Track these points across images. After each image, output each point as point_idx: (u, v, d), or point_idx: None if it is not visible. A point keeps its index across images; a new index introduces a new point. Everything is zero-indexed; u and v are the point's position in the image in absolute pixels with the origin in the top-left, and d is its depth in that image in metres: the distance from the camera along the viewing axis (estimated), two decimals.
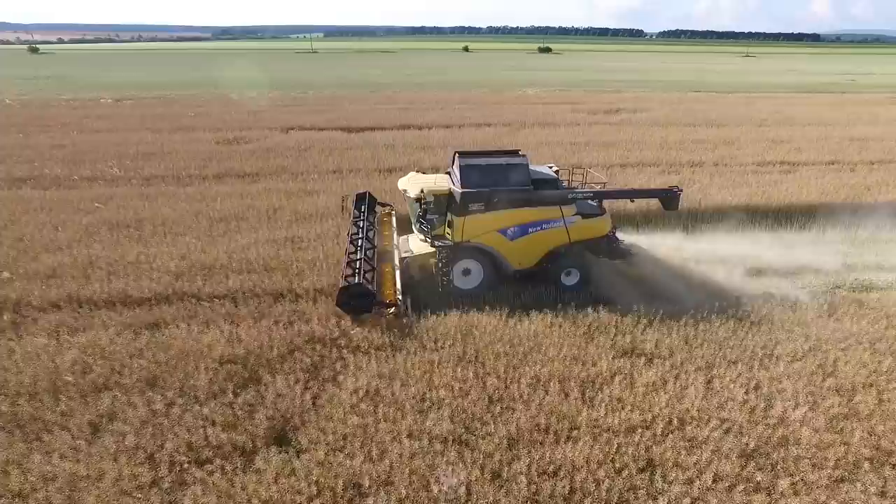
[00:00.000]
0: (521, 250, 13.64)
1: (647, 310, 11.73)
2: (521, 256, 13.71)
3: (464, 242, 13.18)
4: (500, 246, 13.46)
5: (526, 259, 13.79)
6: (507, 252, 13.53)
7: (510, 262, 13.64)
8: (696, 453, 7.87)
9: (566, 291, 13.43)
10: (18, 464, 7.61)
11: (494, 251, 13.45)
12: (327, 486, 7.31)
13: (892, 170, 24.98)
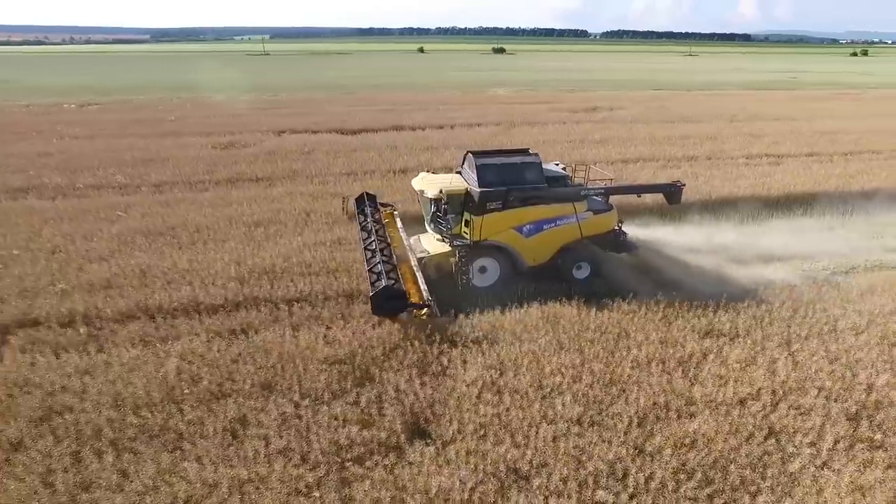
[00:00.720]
0: (535, 247, 13.96)
1: (712, 294, 12.51)
2: (535, 253, 14.04)
3: (482, 241, 13.40)
4: (516, 243, 13.75)
5: (540, 255, 14.12)
6: (523, 249, 13.84)
7: (525, 258, 13.95)
8: (809, 419, 8.60)
9: (578, 285, 13.79)
10: (173, 473, 7.52)
11: (511, 248, 13.75)
12: (488, 471, 7.60)
13: (866, 160, 27.14)
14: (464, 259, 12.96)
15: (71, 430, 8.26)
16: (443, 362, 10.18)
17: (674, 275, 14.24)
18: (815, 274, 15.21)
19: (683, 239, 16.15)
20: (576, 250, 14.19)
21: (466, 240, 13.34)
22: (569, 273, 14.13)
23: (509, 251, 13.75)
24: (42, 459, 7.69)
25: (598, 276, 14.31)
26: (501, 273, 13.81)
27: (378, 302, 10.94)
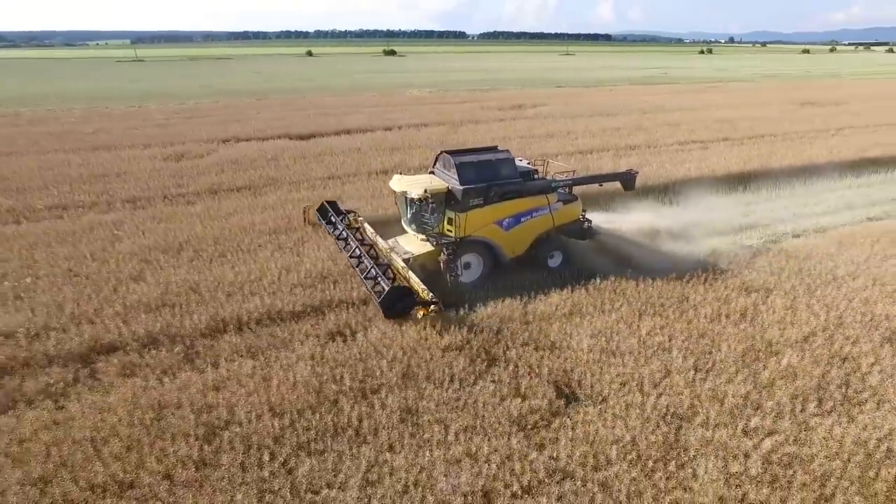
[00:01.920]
0: (514, 239, 14.53)
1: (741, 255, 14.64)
2: (514, 245, 14.61)
3: (466, 237, 13.72)
4: (498, 237, 14.24)
5: (518, 247, 14.72)
6: (504, 242, 14.37)
7: (506, 251, 14.48)
8: (866, 344, 10.65)
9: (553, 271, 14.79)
10: (382, 463, 7.78)
11: (493, 242, 14.22)
12: (652, 418, 8.70)
13: (771, 142, 31.72)
14: (452, 256, 13.35)
15: (250, 440, 8.15)
16: (550, 337, 11.09)
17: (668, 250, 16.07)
18: (780, 238, 18.06)
19: (667, 220, 18.34)
20: (549, 240, 15.00)
21: (451, 237, 13.66)
22: (544, 262, 14.93)
23: (492, 245, 14.24)
24: (241, 473, 7.58)
25: (569, 262, 15.23)
26: (484, 268, 14.28)
27: (388, 304, 11.08)
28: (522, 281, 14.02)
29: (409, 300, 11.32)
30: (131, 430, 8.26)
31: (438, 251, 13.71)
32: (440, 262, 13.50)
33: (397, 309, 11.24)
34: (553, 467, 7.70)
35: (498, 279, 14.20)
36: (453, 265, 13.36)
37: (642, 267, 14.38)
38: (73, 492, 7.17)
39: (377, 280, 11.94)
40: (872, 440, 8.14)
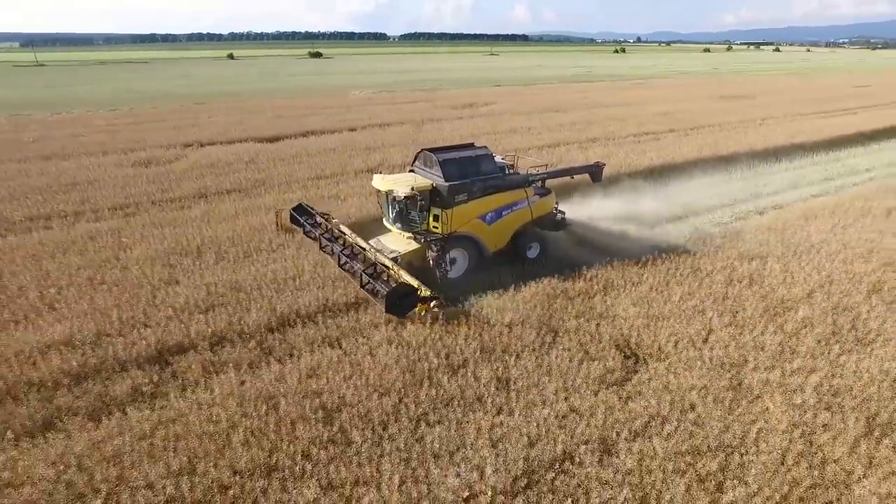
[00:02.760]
0: (497, 233, 14.88)
1: (726, 231, 16.33)
2: (497, 239, 14.97)
3: (452, 233, 13.92)
4: (481, 231, 14.53)
5: (500, 240, 15.08)
6: (486, 236, 14.68)
7: (489, 245, 14.79)
8: (857, 296, 12.48)
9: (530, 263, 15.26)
10: (501, 425, 8.49)
11: (477, 237, 14.49)
12: (715, 363, 9.94)
13: (711, 131, 34.72)
14: (440, 252, 13.56)
15: (369, 417, 8.58)
16: (596, 309, 12.14)
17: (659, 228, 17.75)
18: (746, 215, 20.24)
19: (650, 203, 20.06)
20: (527, 232, 15.48)
21: (438, 234, 13.83)
22: (523, 254, 15.39)
23: (476, 240, 14.52)
24: (376, 446, 8.03)
25: (546, 253, 15.73)
26: (470, 262, 14.54)
27: (392, 301, 11.10)
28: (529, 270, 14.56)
29: (412, 297, 11.37)
30: (249, 420, 8.44)
31: (425, 248, 13.89)
32: (429, 258, 13.66)
33: (400, 306, 11.25)
34: (651, 413, 8.70)
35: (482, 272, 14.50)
36: (442, 261, 13.58)
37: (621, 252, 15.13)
38: (222, 478, 7.36)
39: (375, 279, 12.09)
40: (893, 369, 9.76)
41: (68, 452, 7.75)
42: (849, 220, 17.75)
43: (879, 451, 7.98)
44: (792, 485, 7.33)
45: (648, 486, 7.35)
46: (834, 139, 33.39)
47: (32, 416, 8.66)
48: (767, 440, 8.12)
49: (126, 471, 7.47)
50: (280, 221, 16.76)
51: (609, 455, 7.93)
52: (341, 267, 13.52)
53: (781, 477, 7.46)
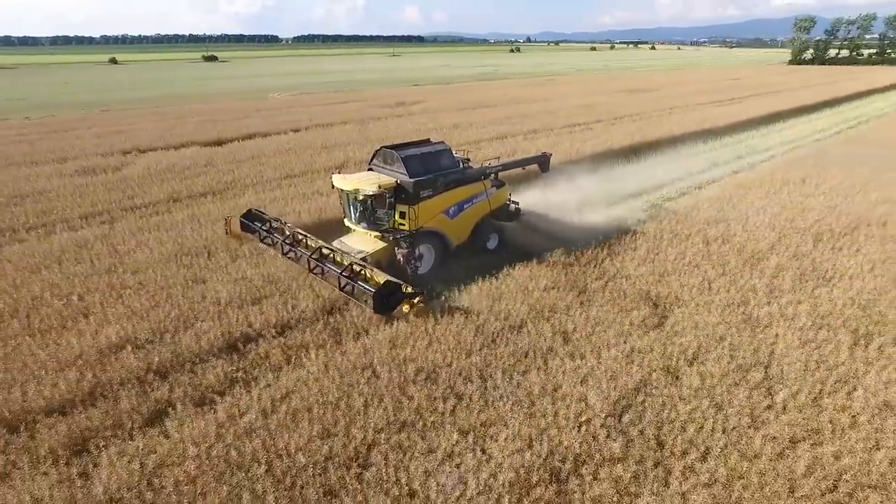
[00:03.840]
0: (459, 226, 15.11)
1: (682, 203, 18.69)
2: (459, 232, 15.19)
3: (419, 229, 13.92)
4: (446, 226, 14.67)
5: (462, 233, 15.33)
6: (450, 230, 14.83)
7: (453, 239, 14.96)
8: (806, 245, 15.08)
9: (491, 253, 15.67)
10: (551, 383, 9.76)
11: (443, 232, 14.62)
12: (735, 300, 11.86)
13: (632, 121, 38.24)
14: (409, 249, 13.52)
15: (467, 372, 9.50)
16: (611, 272, 13.76)
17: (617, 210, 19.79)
18: (688, 190, 23.06)
19: (616, 184, 22.32)
20: (486, 224, 15.83)
21: (405, 230, 13.85)
22: (483, 245, 15.78)
23: (442, 235, 14.65)
24: (492, 390, 8.99)
25: (505, 244, 16.17)
26: (436, 257, 14.57)
27: (379, 299, 11.01)
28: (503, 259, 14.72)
29: (398, 295, 11.30)
30: (359, 388, 9.05)
31: (392, 247, 13.89)
32: (399, 256, 13.60)
33: (388, 303, 11.19)
34: (694, 345, 10.36)
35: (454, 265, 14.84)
36: (413, 257, 13.59)
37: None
38: (368, 436, 7.99)
39: (354, 280, 11.89)
40: (856, 296, 12.19)
41: (204, 432, 7.99)
42: (775, 189, 20.92)
43: (869, 353, 10.17)
44: (820, 384, 9.24)
45: (717, 396, 8.94)
46: (733, 124, 38.05)
47: (136, 409, 8.69)
48: (789, 354, 10.04)
49: (270, 441, 7.87)
50: (230, 228, 15.97)
51: (676, 378, 9.46)
52: (311, 271, 12.99)
53: (810, 379, 9.36)
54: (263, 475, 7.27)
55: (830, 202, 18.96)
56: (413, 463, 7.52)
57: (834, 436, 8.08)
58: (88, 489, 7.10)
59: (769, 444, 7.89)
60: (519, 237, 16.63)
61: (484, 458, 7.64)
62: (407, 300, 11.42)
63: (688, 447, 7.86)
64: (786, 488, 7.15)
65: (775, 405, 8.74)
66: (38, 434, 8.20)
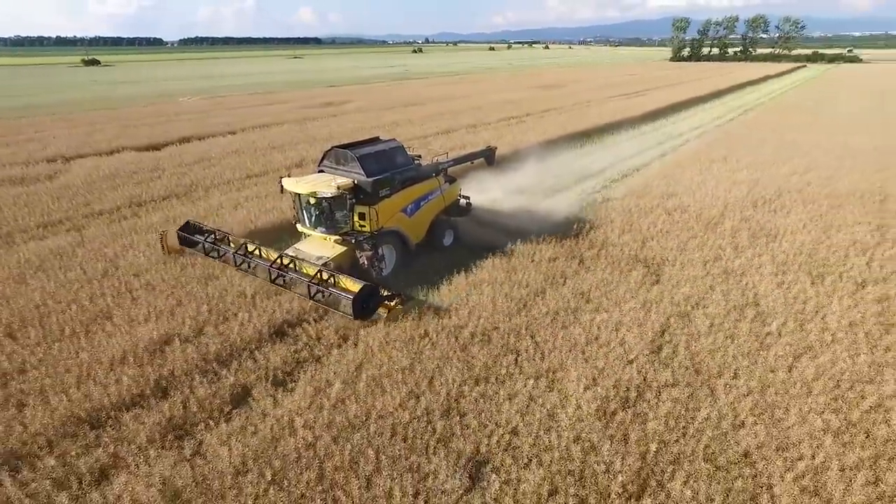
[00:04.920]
0: (417, 224, 14.80)
1: (637, 180, 20.81)
2: (417, 230, 14.85)
3: (379, 229, 13.33)
4: (404, 224, 14.28)
5: (420, 231, 15.01)
6: (409, 229, 14.45)
7: (412, 238, 14.61)
8: (749, 209, 17.56)
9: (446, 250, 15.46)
10: (588, 324, 11.08)
11: (402, 231, 14.26)
12: (706, 262, 13.74)
13: (558, 113, 40.83)
14: (372, 251, 13.03)
15: (519, 332, 10.49)
16: (598, 244, 15.27)
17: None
18: (630, 172, 25.48)
19: (566, 169, 24.19)
20: (442, 220, 15.61)
21: (366, 232, 13.19)
22: (439, 242, 15.49)
23: (402, 234, 14.29)
24: (561, 343, 10.04)
25: (460, 240, 16.05)
26: (396, 258, 14.17)
27: (359, 304, 10.50)
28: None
29: (376, 298, 10.97)
30: (426, 353, 9.75)
31: (352, 250, 13.37)
32: (362, 258, 13.09)
33: (367, 308, 10.82)
34: (695, 293, 12.04)
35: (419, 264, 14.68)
36: (377, 259, 13.19)
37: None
38: (452, 391, 8.75)
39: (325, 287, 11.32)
40: (800, 248, 14.57)
41: (299, 405, 8.36)
42: (705, 166, 23.75)
43: (826, 288, 12.36)
44: (800, 313, 11.20)
45: (727, 330, 10.59)
46: (645, 114, 41.81)
47: (216, 394, 8.82)
48: (770, 294, 11.99)
49: (366, 405, 8.40)
50: (165, 244, 14.50)
51: (690, 320, 11.03)
52: (273, 282, 12.06)
53: (792, 310, 11.31)
54: (376, 433, 7.82)
55: (753, 176, 21.92)
56: (503, 406, 8.39)
57: (824, 349, 9.95)
58: (213, 465, 7.29)
59: (780, 360, 9.60)
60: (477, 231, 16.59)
61: (562, 396, 8.68)
62: (384, 303, 11.07)
63: (720, 369, 9.38)
64: (804, 390, 8.83)
65: (773, 332, 10.52)
66: (125, 427, 8.14)
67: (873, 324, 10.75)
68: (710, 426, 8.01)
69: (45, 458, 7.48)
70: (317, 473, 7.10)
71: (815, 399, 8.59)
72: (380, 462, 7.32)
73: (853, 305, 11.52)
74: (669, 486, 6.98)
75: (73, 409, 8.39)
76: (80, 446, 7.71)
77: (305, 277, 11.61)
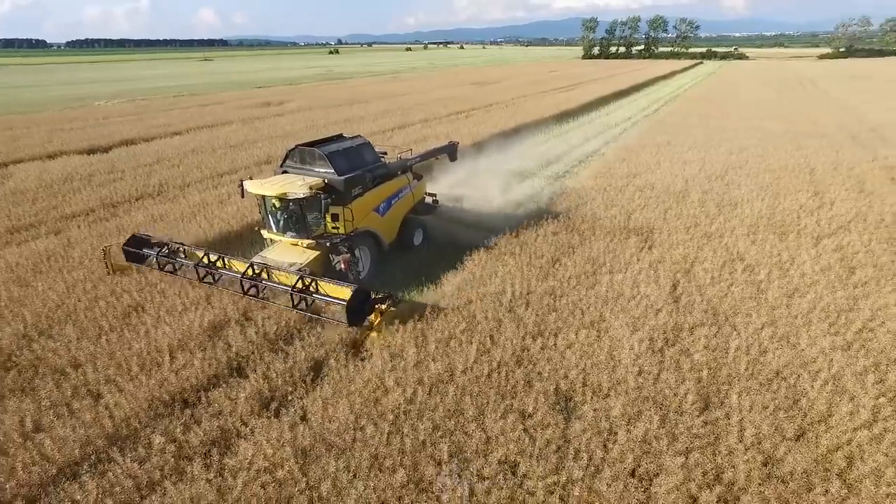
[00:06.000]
0: (389, 223, 14.12)
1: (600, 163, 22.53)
2: (390, 229, 14.17)
3: (354, 230, 12.57)
4: (377, 224, 13.56)
5: (392, 231, 14.35)
6: (381, 228, 13.71)
7: (385, 238, 13.89)
8: (718, 181, 19.63)
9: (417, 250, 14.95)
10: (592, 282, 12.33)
11: (376, 231, 13.49)
12: (687, 228, 15.41)
13: (502, 107, 42.44)
14: (350, 254, 12.25)
15: (563, 292, 11.48)
16: (587, 214, 16.60)
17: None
18: (585, 159, 27.32)
19: (527, 158, 25.56)
20: (411, 219, 15.03)
21: (339, 234, 12.39)
22: (410, 242, 14.88)
23: (375, 234, 13.53)
24: (602, 296, 11.08)
25: (430, 239, 15.55)
26: (371, 260, 13.31)
27: (353, 309, 9.75)
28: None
29: (368, 302, 10.22)
30: (479, 318, 10.51)
31: (325, 254, 12.46)
32: (340, 262, 12.21)
33: (361, 313, 10.05)
34: (689, 254, 13.57)
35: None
36: (354, 262, 12.41)
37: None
38: (516, 342, 9.58)
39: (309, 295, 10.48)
40: (760, 213, 16.62)
41: (381, 369, 8.87)
42: (655, 150, 25.97)
43: (791, 243, 14.31)
44: (781, 263, 12.98)
45: (730, 280, 12.13)
46: (579, 107, 44.41)
47: (293, 368, 9.09)
48: (751, 250, 13.75)
49: (449, 362, 9.04)
50: (109, 262, 12.77)
51: (693, 274, 12.49)
52: (246, 293, 10.89)
53: (775, 261, 13.08)
54: (466, 385, 8.50)
55: (699, 156, 24.31)
56: (566, 353, 9.34)
57: (808, 289, 11.67)
58: (324, 425, 7.65)
59: (777, 300, 11.20)
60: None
61: (613, 340, 9.74)
62: (378, 305, 10.27)
63: (733, 311, 10.84)
64: (806, 321, 10.42)
65: (763, 279, 12.17)
66: (217, 403, 8.29)
67: (839, 268, 12.69)
68: (742, 354, 9.36)
69: (152, 437, 7.54)
70: (430, 422, 7.68)
71: (817, 327, 10.20)
72: (480, 407, 8.01)
73: (818, 255, 13.48)
74: (728, 401, 8.20)
75: (153, 394, 8.40)
76: (181, 424, 7.80)
77: (285, 286, 10.63)
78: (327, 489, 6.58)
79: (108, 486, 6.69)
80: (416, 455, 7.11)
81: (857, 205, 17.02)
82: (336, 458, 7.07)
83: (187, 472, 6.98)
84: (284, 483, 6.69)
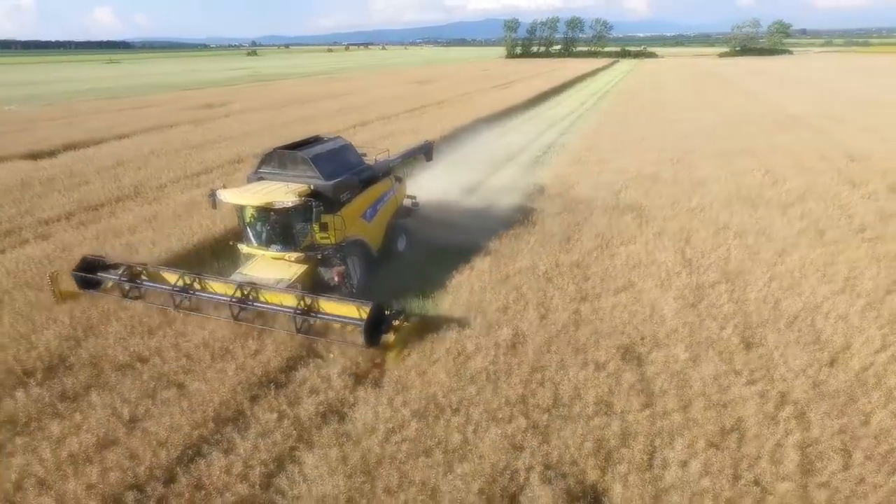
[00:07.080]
0: (376, 229, 13.07)
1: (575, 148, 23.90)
2: (377, 236, 13.10)
3: (345, 240, 11.52)
4: (365, 231, 12.52)
5: (378, 237, 13.22)
6: (369, 236, 12.69)
7: (373, 246, 12.80)
8: (677, 163, 21.42)
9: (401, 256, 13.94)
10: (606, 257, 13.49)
11: (364, 239, 12.42)
12: (678, 201, 16.91)
13: (454, 103, 43.39)
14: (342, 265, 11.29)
15: (588, 265, 12.40)
16: (577, 196, 17.75)
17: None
18: (550, 147, 28.72)
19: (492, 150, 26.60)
20: (395, 224, 14.02)
21: (329, 245, 11.23)
22: (395, 248, 13.90)
23: (364, 243, 12.41)
24: (625, 263, 12.07)
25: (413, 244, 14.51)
26: (360, 271, 12.05)
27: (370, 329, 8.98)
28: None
29: (385, 319, 9.36)
30: (530, 295, 11.25)
31: (313, 268, 11.34)
32: (334, 275, 11.11)
33: (379, 332, 9.27)
34: (684, 227, 14.97)
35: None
36: (348, 275, 11.44)
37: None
38: (578, 309, 10.40)
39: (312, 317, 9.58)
40: (730, 189, 18.45)
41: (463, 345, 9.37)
42: (611, 138, 27.85)
43: (763, 213, 16.09)
44: (764, 229, 14.62)
45: (728, 243, 13.56)
46: (525, 101, 46.14)
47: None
48: (734, 217, 15.35)
49: (514, 323, 9.70)
50: (57, 290, 11.18)
51: (693, 243, 13.84)
52: (236, 318, 9.85)
53: (759, 227, 14.70)
54: (540, 344, 9.20)
55: (654, 144, 26.29)
56: (615, 313, 10.28)
57: (794, 249, 13.25)
58: (400, 413, 7.78)
59: (774, 258, 12.71)
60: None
61: (651, 299, 10.79)
62: (394, 322, 9.48)
63: (740, 271, 12.22)
64: (805, 273, 11.93)
65: (754, 244, 13.69)
66: (312, 378, 8.52)
67: (812, 231, 14.51)
68: (762, 302, 10.69)
69: (261, 415, 7.70)
70: (518, 378, 8.31)
71: (813, 277, 11.75)
72: (559, 363, 8.74)
73: (790, 221, 15.29)
74: (765, 341, 9.41)
75: (240, 379, 8.49)
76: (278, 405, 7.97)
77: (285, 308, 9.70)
78: (458, 440, 7.06)
79: (246, 457, 6.83)
80: (524, 405, 7.72)
81: (806, 180, 19.24)
82: (453, 414, 7.55)
83: (314, 440, 7.22)
84: (415, 440, 7.09)
